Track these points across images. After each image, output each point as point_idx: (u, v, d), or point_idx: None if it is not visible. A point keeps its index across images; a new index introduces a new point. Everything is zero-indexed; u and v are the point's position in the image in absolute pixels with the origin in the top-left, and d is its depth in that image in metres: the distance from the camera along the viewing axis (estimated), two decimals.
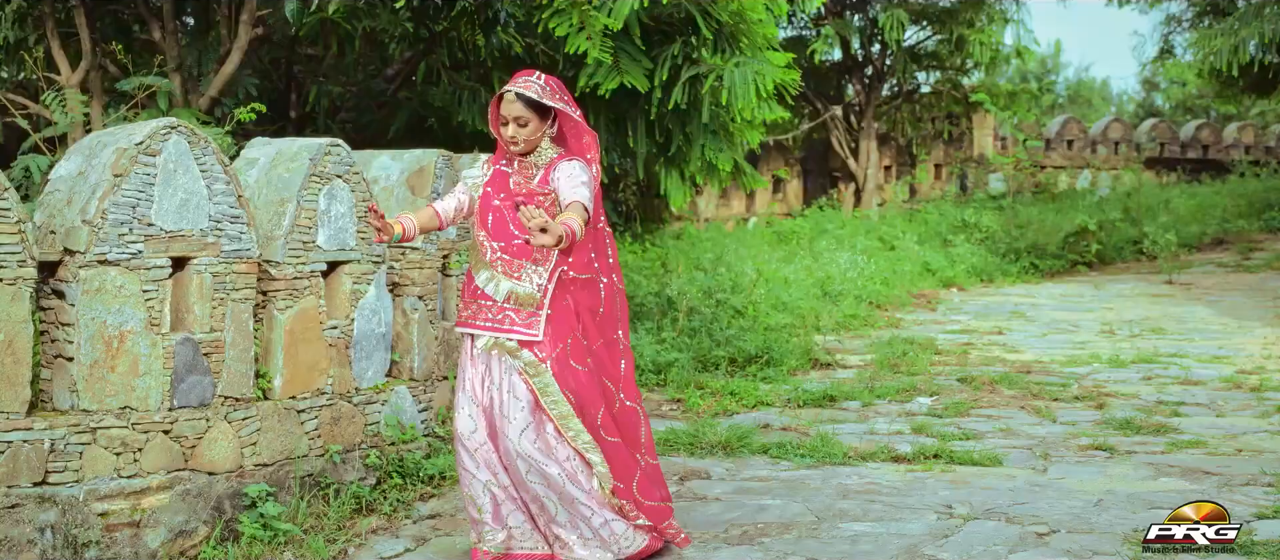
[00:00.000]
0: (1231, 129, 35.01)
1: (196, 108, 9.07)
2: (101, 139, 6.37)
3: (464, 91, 11.29)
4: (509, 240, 5.97)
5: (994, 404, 10.24)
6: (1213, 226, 24.53)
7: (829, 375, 11.68)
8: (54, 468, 5.89)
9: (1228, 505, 7.00)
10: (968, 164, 29.33)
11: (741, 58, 10.48)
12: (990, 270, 20.96)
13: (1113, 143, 32.42)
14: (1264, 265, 21.24)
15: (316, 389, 7.11)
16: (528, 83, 5.96)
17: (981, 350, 13.23)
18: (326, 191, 7.15)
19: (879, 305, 16.65)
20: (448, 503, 7.33)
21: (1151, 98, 56.51)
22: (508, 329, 5.93)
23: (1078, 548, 6.34)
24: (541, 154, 6.04)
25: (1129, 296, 18.43)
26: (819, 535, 6.72)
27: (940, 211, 25.35)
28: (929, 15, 25.77)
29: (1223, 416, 9.71)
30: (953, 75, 27.77)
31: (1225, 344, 13.61)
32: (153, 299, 6.21)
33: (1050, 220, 23.27)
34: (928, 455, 8.37)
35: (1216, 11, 30.60)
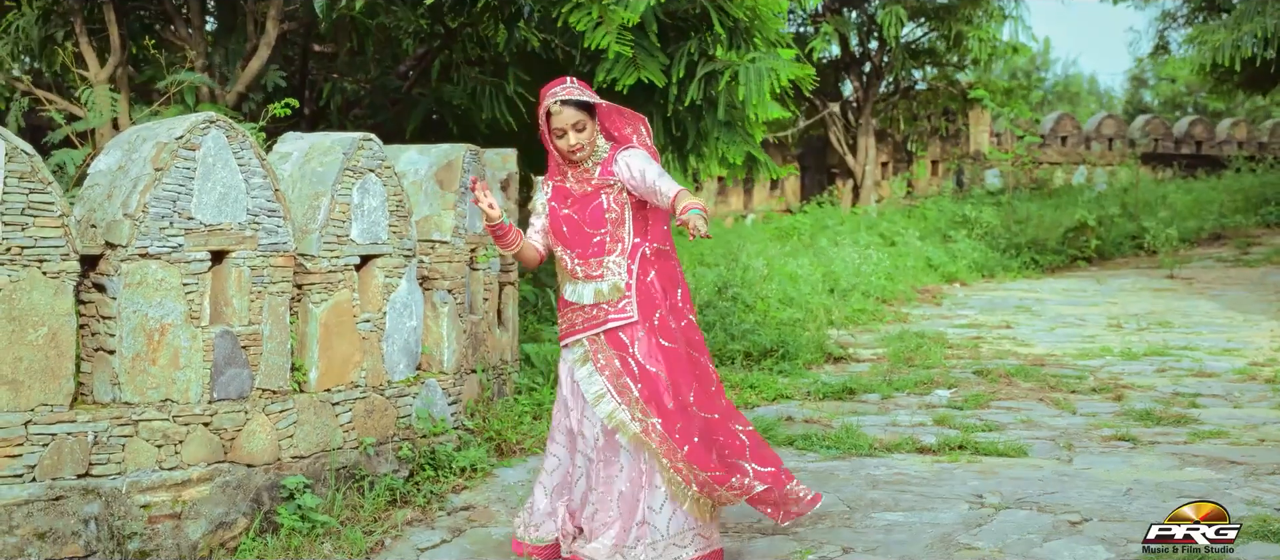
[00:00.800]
0: (1224, 125, 35.14)
1: (223, 103, 9.09)
2: (140, 133, 6.41)
3: (485, 87, 11.31)
4: (585, 244, 5.98)
5: (1012, 396, 10.30)
6: (1210, 222, 24.62)
7: (844, 369, 11.74)
8: (97, 459, 5.93)
9: (1257, 494, 7.10)
10: (964, 160, 29.42)
11: (756, 54, 10.53)
12: (992, 266, 21.04)
13: (1106, 139, 32.55)
14: (1263, 260, 21.32)
15: (350, 382, 7.15)
16: (568, 89, 5.95)
17: (992, 344, 13.30)
18: (360, 185, 7.18)
19: (885, 300, 16.73)
20: (480, 495, 7.38)
21: (1140, 94, 56.71)
22: (605, 322, 5.93)
23: (1112, 536, 6.39)
24: (598, 152, 6.01)
25: (1131, 291, 18.51)
26: (852, 525, 6.77)
27: (939, 207, 25.44)
28: (927, 11, 25.84)
29: (1240, 408, 9.77)
30: (949, 71, 27.85)
31: (1233, 337, 13.68)
32: (193, 292, 6.25)
33: (1049, 216, 23.36)
34: (953, 446, 8.42)
35: (1212, 8, 30.72)
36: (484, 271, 8.42)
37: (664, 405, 5.85)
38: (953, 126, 29.58)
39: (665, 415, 5.84)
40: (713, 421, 6.06)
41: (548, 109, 5.93)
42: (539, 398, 8.93)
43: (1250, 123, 36.57)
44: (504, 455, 8.13)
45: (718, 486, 5.85)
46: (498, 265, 8.69)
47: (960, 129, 29.62)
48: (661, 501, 5.87)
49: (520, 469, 7.91)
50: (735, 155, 11.58)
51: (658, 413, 5.84)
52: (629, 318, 5.91)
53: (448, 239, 7.95)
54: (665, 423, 5.84)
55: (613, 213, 5.94)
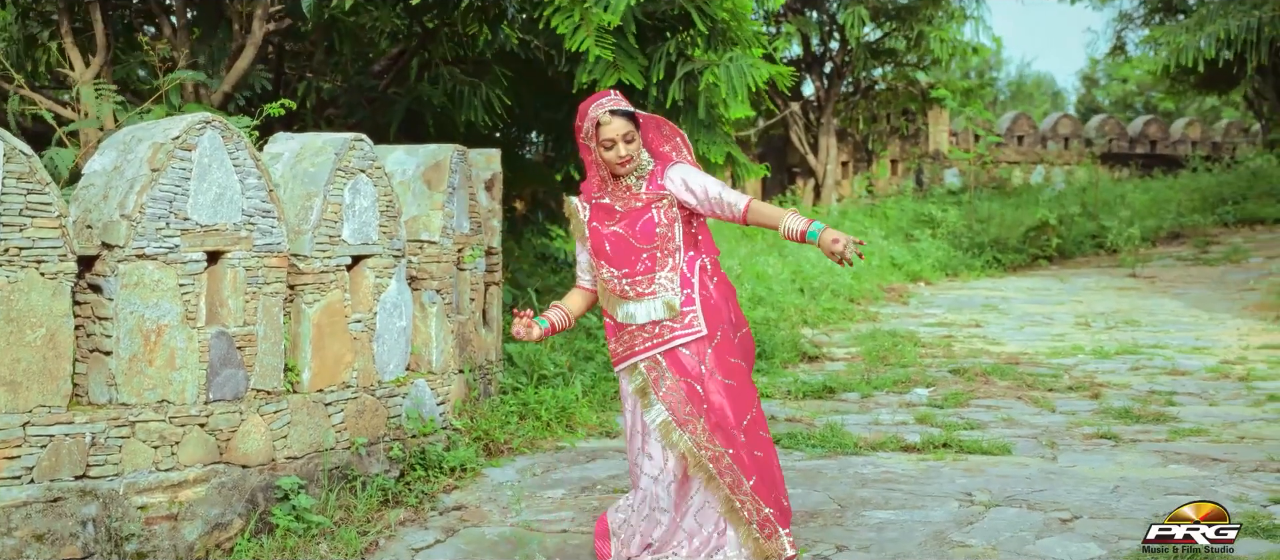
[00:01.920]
0: (1179, 124, 35.47)
1: (209, 103, 9.07)
2: (135, 133, 6.39)
3: (464, 87, 11.30)
4: (633, 262, 5.82)
5: (990, 394, 10.39)
6: (1169, 221, 24.83)
7: (820, 368, 11.81)
8: (95, 461, 5.91)
9: (1243, 491, 7.18)
10: (924, 160, 29.57)
11: (734, 54, 10.57)
12: (955, 265, 21.18)
13: (1062, 138, 32.79)
14: (1222, 259, 21.52)
15: (342, 382, 7.15)
16: (614, 101, 5.83)
17: (963, 343, 13.40)
18: (351, 186, 7.19)
19: (853, 299, 16.80)
20: (471, 495, 7.39)
21: (1092, 94, 57.09)
22: (670, 339, 5.80)
23: (1103, 533, 6.47)
24: (641, 166, 5.89)
25: (1095, 290, 18.66)
26: (844, 523, 6.81)
27: (900, 207, 25.60)
28: (888, 12, 25.95)
29: (1216, 405, 9.89)
30: (909, 72, 27.98)
31: (1202, 335, 13.83)
32: (189, 293, 6.24)
33: (1010, 215, 23.53)
34: (937, 445, 8.49)
35: (1168, 9, 31.02)
36: (470, 271, 8.43)
37: (732, 435, 5.75)
38: (912, 126, 29.73)
39: (735, 446, 5.75)
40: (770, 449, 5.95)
41: (597, 120, 5.78)
42: (524, 398, 8.94)
43: (1204, 123, 36.87)
44: (492, 455, 8.15)
45: (778, 528, 5.78)
46: (483, 265, 8.70)
47: (920, 129, 29.77)
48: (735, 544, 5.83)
49: (509, 469, 7.93)
50: (716, 155, 11.62)
51: (725, 442, 5.76)
52: (697, 333, 5.79)
53: (436, 239, 7.96)
54: (735, 453, 5.75)
55: (662, 227, 5.79)
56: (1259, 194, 26.14)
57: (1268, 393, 10.27)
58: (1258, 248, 22.35)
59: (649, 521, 5.95)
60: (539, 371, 9.47)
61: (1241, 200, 25.90)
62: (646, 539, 5.97)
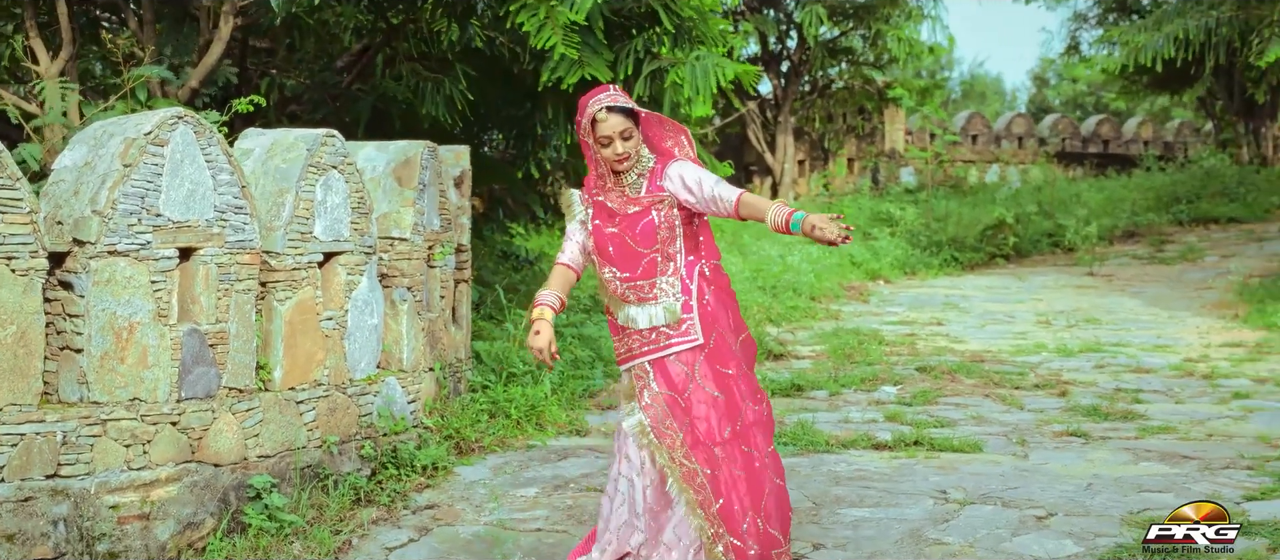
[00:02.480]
0: (1131, 124, 35.70)
1: (175, 98, 8.98)
2: (107, 128, 6.32)
3: (428, 83, 11.25)
4: (634, 265, 5.71)
5: (958, 392, 10.41)
6: (1124, 220, 24.93)
7: (786, 366, 11.79)
8: (66, 460, 5.86)
9: (1216, 488, 7.22)
10: (880, 158, 29.65)
11: (700, 52, 10.56)
12: (913, 263, 21.23)
13: (1016, 137, 32.94)
14: (1178, 257, 21.64)
15: (314, 380, 7.10)
16: (612, 96, 5.69)
17: (927, 341, 13.43)
18: (323, 182, 7.13)
19: (814, 297, 16.80)
20: (443, 494, 7.35)
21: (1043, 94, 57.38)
22: (666, 347, 5.70)
23: (1079, 530, 6.48)
24: (641, 163, 5.77)
25: (1054, 288, 18.74)
26: (819, 521, 6.81)
27: (857, 205, 25.65)
28: (846, 11, 26.01)
29: (1182, 403, 9.93)
30: (866, 71, 28.05)
31: (1162, 333, 13.91)
32: (161, 290, 6.18)
33: (968, 214, 23.62)
34: (908, 442, 8.49)
35: (1122, 9, 31.21)
36: (440, 269, 8.37)
37: (711, 453, 5.64)
38: (868, 125, 29.81)
39: (713, 464, 5.63)
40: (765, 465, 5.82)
41: (593, 117, 5.65)
42: (493, 396, 8.89)
43: (1155, 122, 37.12)
44: (463, 453, 8.10)
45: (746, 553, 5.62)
46: (453, 263, 8.65)
47: (876, 128, 29.86)
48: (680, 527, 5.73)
49: (480, 467, 7.88)
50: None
51: (703, 460, 5.64)
52: (693, 341, 5.69)
53: (407, 236, 7.90)
54: (711, 475, 5.63)
55: (663, 230, 5.67)
56: (1212, 193, 26.31)
57: (1232, 390, 10.33)
58: (1212, 247, 22.50)
59: (626, 527, 5.85)
60: (508, 370, 9.42)
61: (1195, 199, 26.05)
62: (623, 547, 5.87)
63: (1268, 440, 8.52)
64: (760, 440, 5.81)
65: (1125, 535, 6.34)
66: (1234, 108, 30.98)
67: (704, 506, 5.62)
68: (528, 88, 11.93)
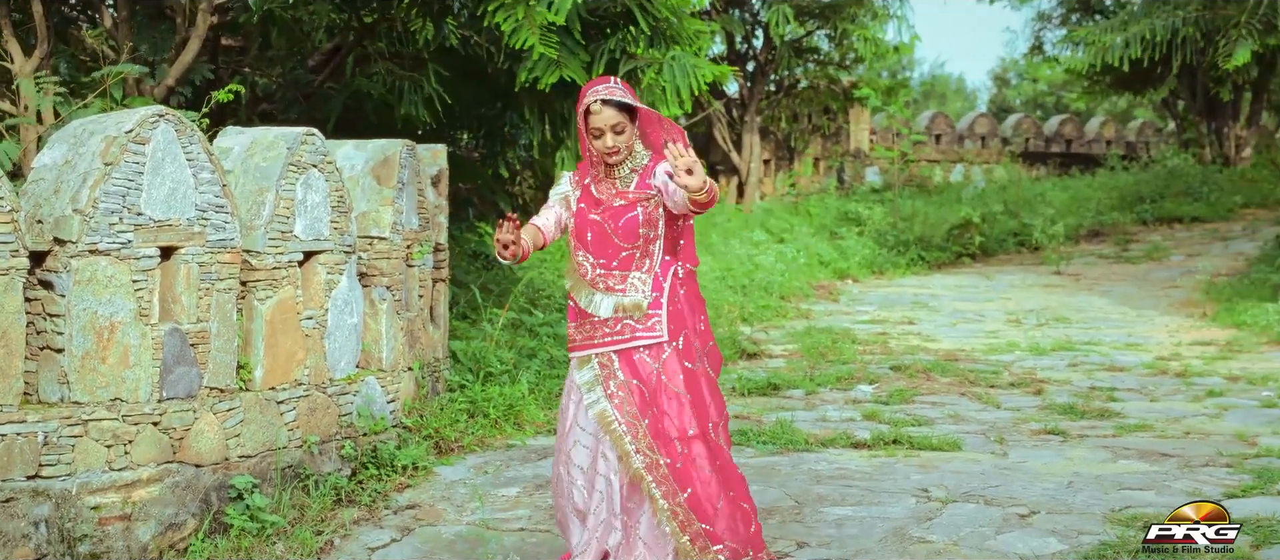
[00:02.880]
0: (1094, 123, 35.81)
1: (152, 96, 8.91)
2: (87, 126, 6.27)
3: (403, 82, 11.20)
4: (612, 256, 5.70)
5: (934, 391, 10.44)
6: (1088, 219, 25.05)
7: (760, 365, 11.80)
8: (47, 460, 5.81)
9: (1197, 486, 7.25)
10: (846, 158, 29.69)
11: (676, 52, 10.54)
12: (881, 263, 21.29)
13: (979, 137, 33.01)
14: (1144, 257, 21.77)
15: (294, 380, 7.06)
16: (611, 88, 5.64)
17: (899, 339, 13.46)
18: (303, 181, 7.09)
19: (784, 296, 16.82)
20: (424, 494, 7.33)
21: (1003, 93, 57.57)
22: (630, 339, 5.69)
23: (1063, 527, 6.51)
24: (635, 158, 5.74)
25: (1022, 287, 18.83)
26: (802, 519, 6.81)
27: (823, 205, 25.72)
28: (813, 11, 26.01)
29: (1157, 401, 9.99)
30: (832, 70, 28.06)
31: (1133, 332, 13.98)
32: (142, 289, 6.13)
33: (934, 214, 23.70)
34: (887, 441, 8.51)
35: (1086, 10, 31.33)
36: (419, 268, 8.34)
37: (672, 445, 5.64)
38: (833, 124, 29.82)
39: (673, 455, 5.63)
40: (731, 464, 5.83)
41: (588, 106, 5.63)
42: (471, 395, 8.87)
43: (1118, 122, 37.27)
44: (443, 453, 8.08)
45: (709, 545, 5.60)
46: (431, 262, 8.62)
47: (841, 127, 29.88)
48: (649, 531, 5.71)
49: (460, 467, 7.86)
50: None
51: (665, 451, 5.64)
52: (657, 337, 5.68)
53: (386, 235, 7.86)
54: (671, 463, 5.64)
55: (645, 227, 5.66)
56: (1176, 193, 26.45)
57: (1206, 388, 10.39)
58: (1177, 246, 22.65)
59: (605, 527, 5.82)
60: (485, 369, 9.39)
61: (1159, 199, 26.18)
62: (603, 546, 5.84)
63: (1244, 438, 8.57)
64: (724, 443, 5.82)
65: (1109, 533, 6.36)
66: (1197, 108, 31.13)
67: (668, 497, 5.63)
68: (501, 87, 11.89)
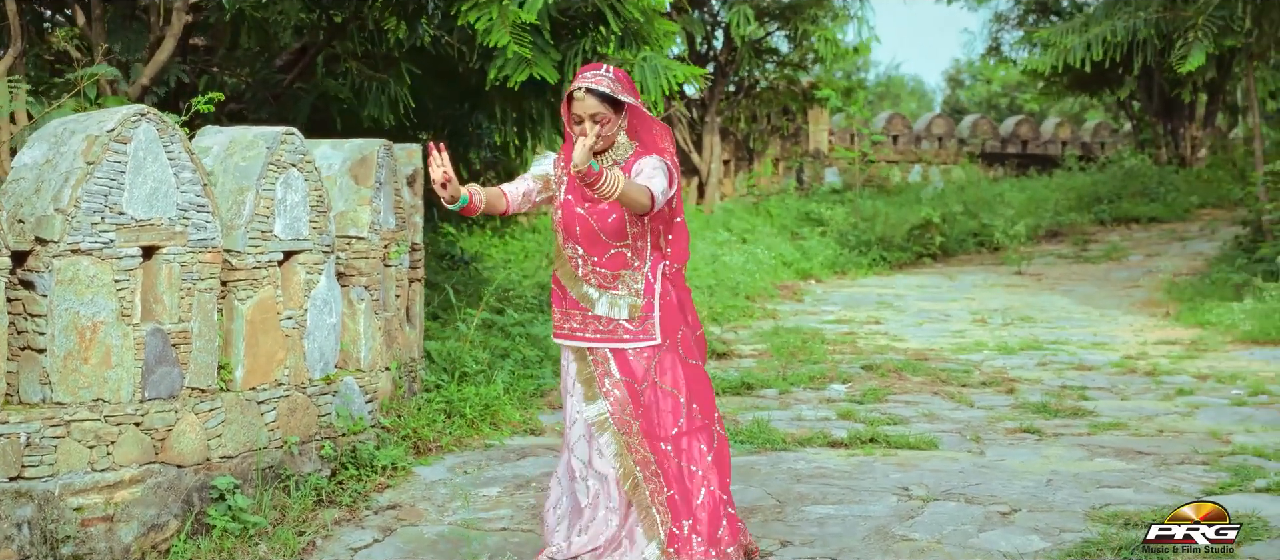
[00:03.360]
0: (1049, 124, 36.01)
1: (126, 97, 8.87)
2: (67, 126, 6.23)
3: (372, 83, 11.17)
4: (602, 251, 5.70)
5: (907, 390, 10.48)
6: (1047, 219, 25.19)
7: (730, 365, 11.80)
8: (30, 461, 5.76)
9: (1174, 483, 7.30)
10: (805, 158, 29.75)
11: (647, 54, 10.56)
12: (844, 263, 21.36)
13: (936, 138, 33.13)
14: (1103, 257, 21.91)
15: (274, 380, 7.03)
16: (598, 77, 5.60)
17: (867, 339, 13.50)
18: (283, 180, 7.07)
19: (749, 296, 16.85)
20: (404, 494, 7.31)
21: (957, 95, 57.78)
22: (621, 340, 5.71)
23: (1045, 525, 6.54)
24: (618, 150, 5.73)
25: (984, 287, 18.93)
26: (784, 518, 6.82)
27: (784, 205, 25.78)
28: (773, 12, 26.06)
29: (1128, 400, 10.05)
30: (792, 71, 28.11)
31: (1098, 331, 14.07)
32: (124, 289, 6.10)
33: (895, 214, 23.77)
34: (864, 440, 8.54)
35: (1043, 11, 31.51)
36: (395, 268, 8.32)
37: (658, 444, 5.69)
38: (792, 125, 29.88)
39: (659, 453, 5.69)
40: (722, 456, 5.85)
41: (571, 93, 5.62)
42: (447, 395, 8.85)
43: (1073, 123, 37.48)
44: (421, 453, 8.06)
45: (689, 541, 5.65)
46: (407, 262, 8.60)
47: (800, 128, 29.95)
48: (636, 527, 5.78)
49: (438, 468, 7.85)
50: None
51: (653, 448, 5.70)
52: (651, 340, 5.71)
53: (364, 235, 7.84)
54: (660, 460, 5.70)
55: (634, 226, 5.66)
56: (1132, 193, 26.63)
57: (1176, 387, 10.47)
58: (1135, 246, 22.81)
59: (602, 523, 5.85)
60: (460, 369, 9.38)
61: (1116, 199, 26.35)
62: (595, 541, 5.87)
63: (1218, 436, 8.65)
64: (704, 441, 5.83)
65: (1091, 530, 6.40)
66: (1153, 109, 31.35)
67: (654, 495, 5.70)
68: (470, 87, 11.88)
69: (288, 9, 10.59)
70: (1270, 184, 16.82)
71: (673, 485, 5.69)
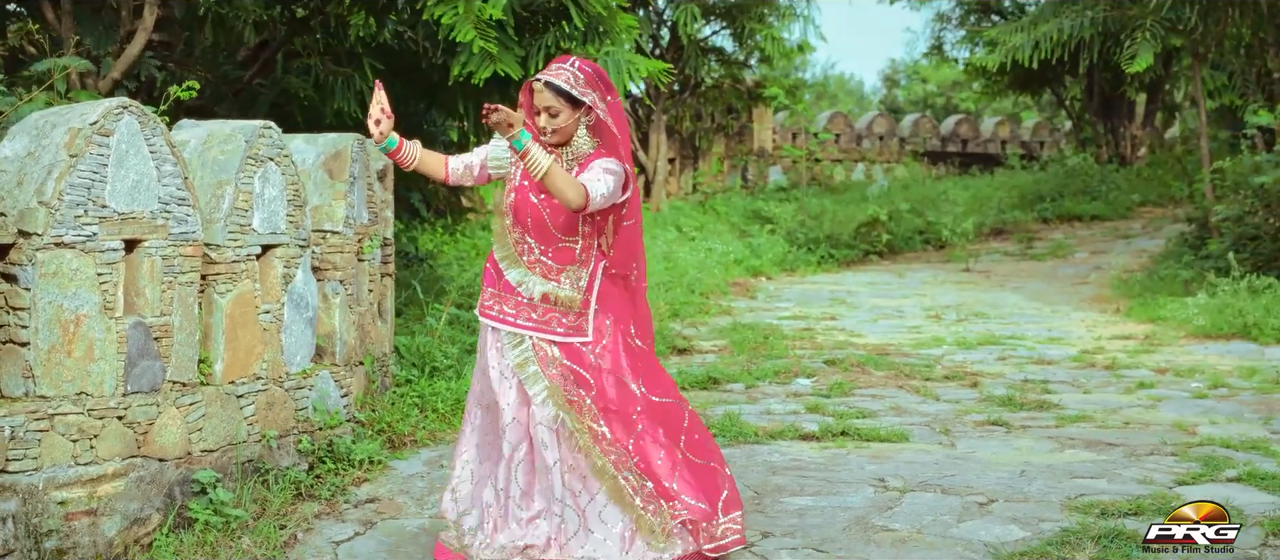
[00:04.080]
0: (989, 123, 36.27)
1: (97, 91, 8.80)
2: (48, 118, 6.20)
3: (336, 78, 11.14)
4: (551, 243, 5.75)
5: (871, 384, 10.54)
6: (990, 217, 25.33)
7: (690, 360, 11.83)
8: (14, 455, 5.73)
9: (1147, 474, 7.39)
10: (750, 157, 29.84)
11: (610, 49, 10.59)
12: (793, 260, 21.41)
13: (877, 136, 33.28)
14: (1049, 253, 22.09)
15: (253, 374, 7.01)
16: (559, 70, 5.64)
17: (825, 335, 13.55)
18: (261, 174, 7.05)
19: (704, 293, 16.88)
20: (382, 487, 7.31)
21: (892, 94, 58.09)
22: (552, 332, 5.76)
23: (1023, 515, 6.62)
24: (577, 146, 5.75)
25: (934, 284, 19.03)
26: (763, 510, 6.87)
27: (729, 203, 25.86)
28: (719, 10, 26.15)
29: (1090, 393, 10.14)
30: (737, 70, 28.20)
31: (1053, 327, 14.18)
32: (107, 282, 6.07)
33: (842, 212, 23.85)
34: (835, 433, 8.58)
35: (985, 10, 31.75)
36: (369, 262, 8.31)
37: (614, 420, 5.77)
38: (737, 123, 29.97)
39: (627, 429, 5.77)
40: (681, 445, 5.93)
41: (530, 84, 5.70)
42: (419, 390, 8.85)
43: (1013, 122, 37.75)
44: (396, 447, 8.04)
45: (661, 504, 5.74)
46: (379, 256, 8.59)
47: (745, 126, 30.04)
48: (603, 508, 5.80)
49: (414, 461, 7.84)
50: None
51: (608, 420, 5.76)
52: (583, 338, 5.77)
53: (339, 229, 7.83)
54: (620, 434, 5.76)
55: (587, 225, 5.73)
56: (1074, 192, 26.85)
57: (1136, 381, 10.57)
58: (1080, 243, 23.01)
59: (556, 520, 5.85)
60: (430, 364, 9.37)
61: (1058, 198, 26.56)
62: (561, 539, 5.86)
63: (1183, 427, 8.75)
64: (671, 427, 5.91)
65: (1069, 520, 6.48)
66: (1093, 107, 31.65)
67: (619, 465, 5.74)
68: (431, 84, 11.87)
69: (246, 5, 10.55)
70: (1218, 183, 17.01)
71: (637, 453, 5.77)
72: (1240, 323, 12.82)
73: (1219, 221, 16.70)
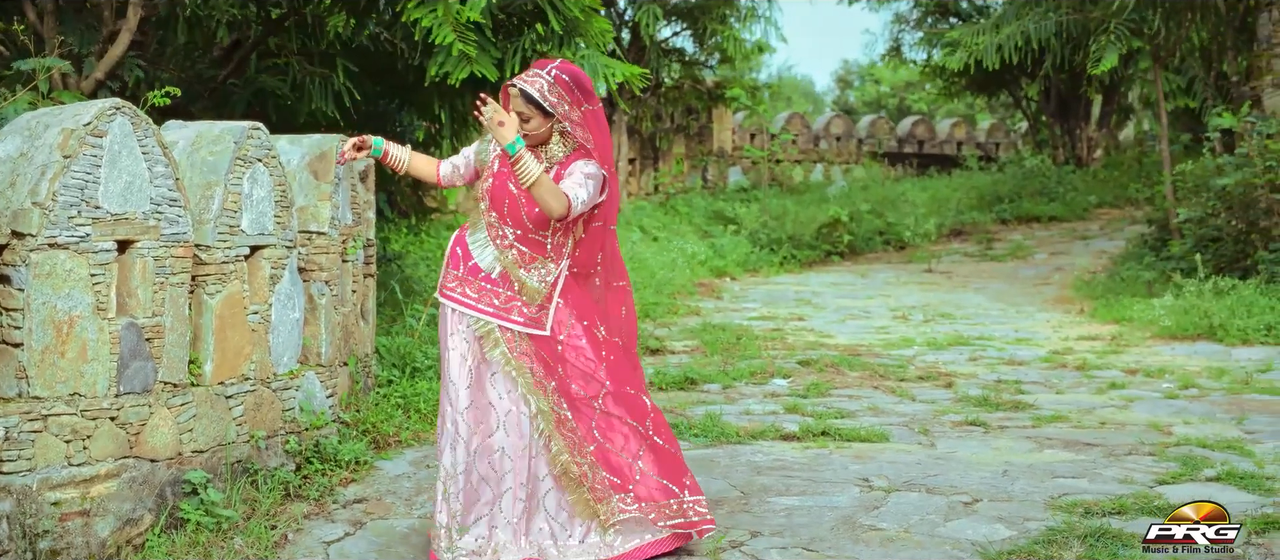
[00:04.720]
0: (945, 125, 36.42)
1: (79, 91, 8.77)
2: (41, 119, 6.20)
3: (312, 78, 11.13)
4: (525, 232, 5.83)
5: (847, 384, 10.60)
6: (949, 218, 25.50)
7: (662, 361, 11.87)
8: (8, 456, 5.73)
9: (1127, 473, 7.48)
10: (710, 157, 29.90)
11: (587, 52, 10.62)
12: (755, 261, 21.51)
13: (834, 137, 33.39)
14: (1008, 254, 22.25)
15: (242, 375, 7.02)
16: (533, 77, 5.75)
17: (795, 336, 13.61)
18: (249, 175, 7.06)
19: (672, 294, 16.93)
20: (369, 488, 7.33)
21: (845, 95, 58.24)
22: (510, 319, 5.85)
23: (1008, 514, 6.69)
24: (551, 150, 5.85)
25: (898, 284, 19.15)
26: (750, 510, 6.92)
27: (691, 204, 25.92)
28: (681, 11, 26.19)
29: (1063, 394, 10.23)
30: (698, 71, 28.25)
31: (1019, 327, 14.29)
32: (100, 283, 6.07)
33: (803, 213, 23.96)
34: (816, 433, 8.63)
35: (943, 13, 31.91)
36: (353, 263, 8.33)
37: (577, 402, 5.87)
38: (697, 124, 30.01)
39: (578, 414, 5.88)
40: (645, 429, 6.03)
41: (506, 88, 5.83)
42: (402, 390, 8.88)
43: (969, 124, 37.95)
44: (381, 448, 8.06)
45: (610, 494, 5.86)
46: (362, 257, 8.61)
47: (705, 127, 30.09)
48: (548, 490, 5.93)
49: (400, 462, 7.86)
50: None
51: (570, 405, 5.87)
52: (541, 331, 5.86)
53: (325, 230, 7.84)
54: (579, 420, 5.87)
55: (558, 223, 5.82)
56: (1032, 193, 27.05)
57: (1108, 381, 10.67)
58: (1039, 244, 23.19)
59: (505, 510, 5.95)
60: (411, 365, 9.39)
61: (1016, 199, 26.76)
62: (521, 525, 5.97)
63: (1158, 427, 8.85)
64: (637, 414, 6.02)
65: (1054, 519, 6.55)
66: (1050, 109, 31.86)
67: (573, 450, 5.84)
68: (405, 84, 11.87)
69: (221, 4, 10.51)
70: (1179, 185, 17.17)
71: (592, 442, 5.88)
72: (1206, 323, 12.95)
73: (1180, 223, 16.86)
